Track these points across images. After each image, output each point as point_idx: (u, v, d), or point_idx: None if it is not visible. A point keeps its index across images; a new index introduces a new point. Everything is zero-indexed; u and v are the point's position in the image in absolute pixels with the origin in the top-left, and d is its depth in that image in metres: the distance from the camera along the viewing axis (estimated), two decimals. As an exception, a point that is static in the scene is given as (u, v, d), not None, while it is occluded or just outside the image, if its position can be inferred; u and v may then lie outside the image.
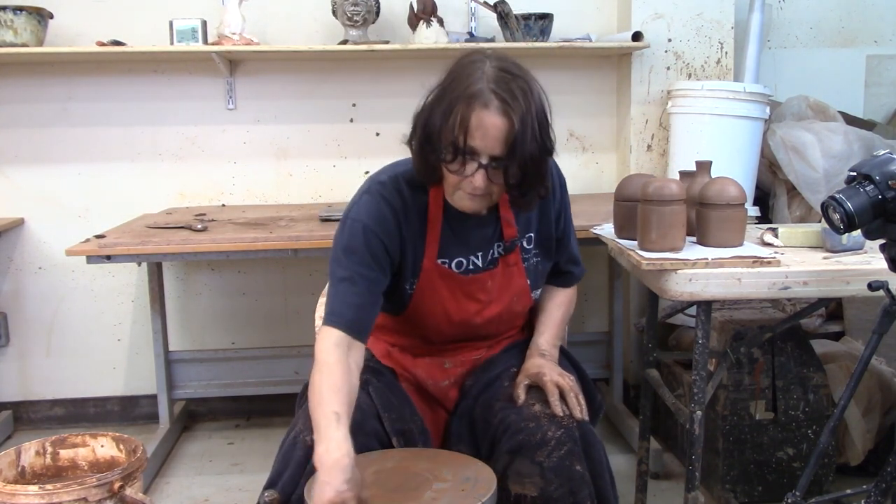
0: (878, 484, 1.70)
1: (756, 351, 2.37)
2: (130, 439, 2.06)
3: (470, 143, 1.43)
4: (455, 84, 1.45)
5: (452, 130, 1.43)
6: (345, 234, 1.57)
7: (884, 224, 1.50)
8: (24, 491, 1.79)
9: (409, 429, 1.61)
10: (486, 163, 1.44)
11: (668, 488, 2.62)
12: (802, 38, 3.42)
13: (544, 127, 1.48)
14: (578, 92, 3.29)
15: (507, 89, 1.42)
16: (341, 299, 1.52)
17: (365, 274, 1.54)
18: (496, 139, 1.42)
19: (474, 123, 1.42)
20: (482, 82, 1.43)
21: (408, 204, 1.59)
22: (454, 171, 1.47)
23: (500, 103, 1.41)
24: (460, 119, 1.42)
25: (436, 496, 1.34)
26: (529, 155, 1.44)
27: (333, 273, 1.56)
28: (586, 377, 1.80)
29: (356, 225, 1.56)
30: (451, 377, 1.75)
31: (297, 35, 3.14)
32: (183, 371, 3.14)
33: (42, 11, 2.86)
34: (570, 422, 1.53)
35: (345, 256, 1.55)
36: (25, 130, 3.12)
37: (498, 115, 1.41)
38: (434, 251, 1.62)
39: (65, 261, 3.07)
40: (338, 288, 1.54)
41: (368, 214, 1.56)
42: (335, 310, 1.52)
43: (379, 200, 1.57)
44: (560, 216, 1.73)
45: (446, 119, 1.44)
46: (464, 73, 1.46)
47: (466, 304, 1.66)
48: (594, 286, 3.36)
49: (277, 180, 3.23)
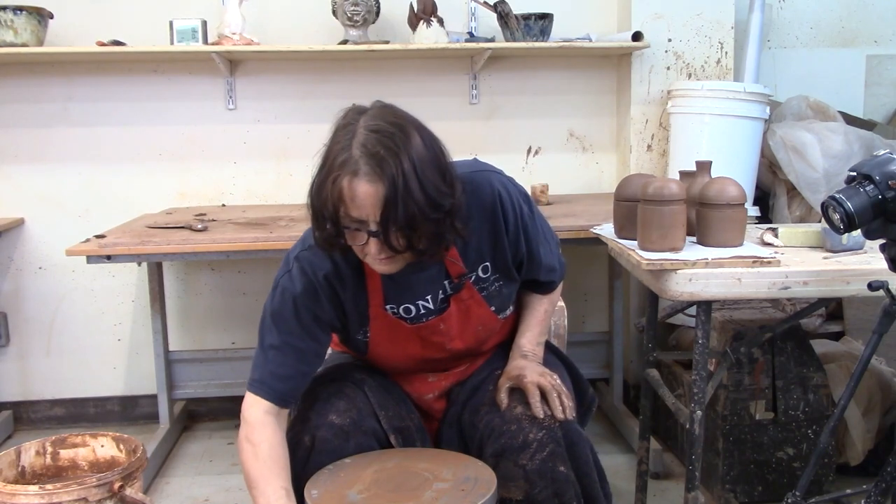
0: (878, 484, 1.70)
1: (756, 351, 2.37)
2: (130, 439, 2.06)
3: (349, 214, 1.35)
4: (329, 153, 1.39)
5: (332, 205, 1.35)
6: (275, 301, 1.54)
7: (884, 224, 1.50)
8: (24, 491, 1.79)
9: (406, 426, 1.61)
10: (374, 230, 1.36)
11: (668, 488, 2.62)
12: (802, 38, 3.42)
13: (430, 181, 1.35)
14: (578, 92, 3.29)
15: (375, 153, 1.32)
16: (270, 369, 1.52)
17: (294, 344, 1.52)
18: (372, 206, 1.33)
19: (348, 195, 1.34)
20: (351, 149, 1.34)
21: (339, 266, 1.53)
22: (349, 242, 1.41)
23: (368, 168, 1.32)
24: (333, 192, 1.34)
25: (436, 496, 1.35)
26: (410, 215, 1.33)
27: (263, 338, 1.54)
28: (577, 372, 1.79)
29: (286, 294, 1.53)
30: (435, 390, 1.72)
31: (297, 35, 3.14)
32: (183, 371, 3.14)
33: (42, 11, 2.86)
34: (551, 422, 1.52)
35: (274, 325, 1.53)
36: (25, 130, 3.12)
37: (367, 183, 1.32)
38: (378, 299, 1.56)
39: (65, 261, 3.07)
40: (267, 355, 1.53)
41: (299, 284, 1.52)
42: (265, 380, 1.52)
43: (309, 271, 1.52)
44: (519, 239, 1.59)
45: (321, 194, 1.37)
46: (337, 140, 1.39)
47: (425, 347, 1.63)
48: (594, 286, 3.37)
49: (278, 180, 3.23)
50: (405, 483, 1.39)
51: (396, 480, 1.40)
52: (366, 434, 1.55)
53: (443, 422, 1.71)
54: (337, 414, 1.55)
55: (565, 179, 3.29)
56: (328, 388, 1.63)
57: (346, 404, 1.57)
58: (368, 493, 1.36)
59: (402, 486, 1.38)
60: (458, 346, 1.64)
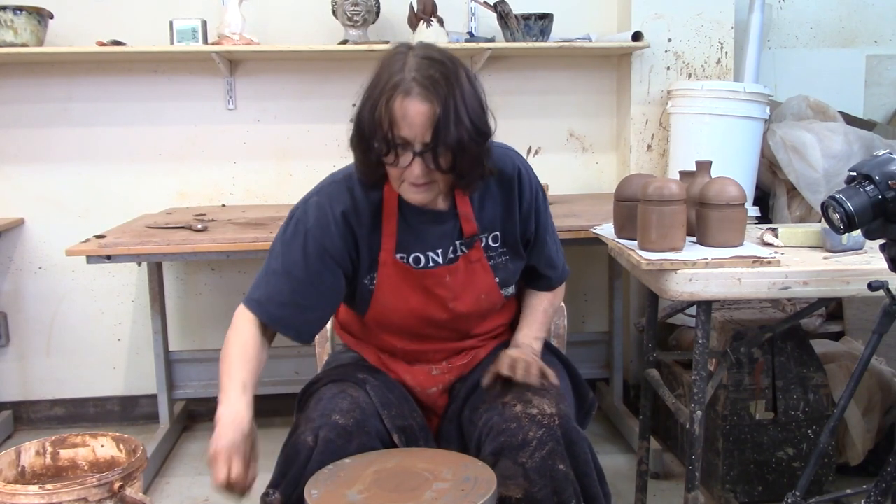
0: (878, 484, 1.70)
1: (756, 351, 2.37)
2: (130, 439, 2.06)
3: (399, 133, 1.43)
4: (379, 79, 1.45)
5: (381, 124, 1.43)
6: (287, 231, 1.61)
7: (884, 224, 1.50)
8: (24, 491, 1.78)
9: (409, 425, 1.61)
10: (419, 150, 1.44)
11: (668, 488, 2.62)
12: (802, 38, 3.42)
13: (475, 110, 1.46)
14: (578, 92, 3.29)
15: (428, 75, 1.41)
16: (269, 294, 1.57)
17: (296, 275, 1.57)
18: (422, 126, 1.41)
19: (399, 113, 1.41)
20: (404, 72, 1.42)
21: (359, 203, 1.58)
22: (392, 164, 1.47)
23: (421, 89, 1.41)
24: (386, 111, 1.42)
25: (436, 496, 1.34)
26: (458, 138, 1.42)
27: (268, 262, 1.60)
28: (576, 374, 1.80)
29: (298, 226, 1.59)
30: (439, 384, 1.73)
31: (297, 35, 3.14)
32: (183, 371, 3.14)
33: (42, 11, 2.86)
34: (551, 421, 1.52)
35: (281, 252, 1.59)
36: (25, 130, 3.12)
37: (420, 102, 1.41)
38: (391, 245, 1.61)
39: (65, 261, 3.07)
40: (269, 279, 1.59)
41: (312, 217, 1.58)
42: (261, 301, 1.57)
43: (326, 204, 1.59)
44: (530, 217, 1.68)
45: (374, 114, 1.43)
46: (387, 66, 1.46)
47: (428, 300, 1.65)
48: (594, 286, 3.37)
49: (278, 180, 3.23)
50: (405, 483, 1.39)
51: (396, 480, 1.40)
52: (369, 434, 1.55)
53: (443, 418, 1.72)
54: (340, 414, 1.55)
55: (565, 179, 3.29)
56: (331, 388, 1.63)
57: (349, 404, 1.57)
58: (368, 493, 1.36)
59: (402, 486, 1.38)
60: (460, 309, 1.66)
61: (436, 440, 1.70)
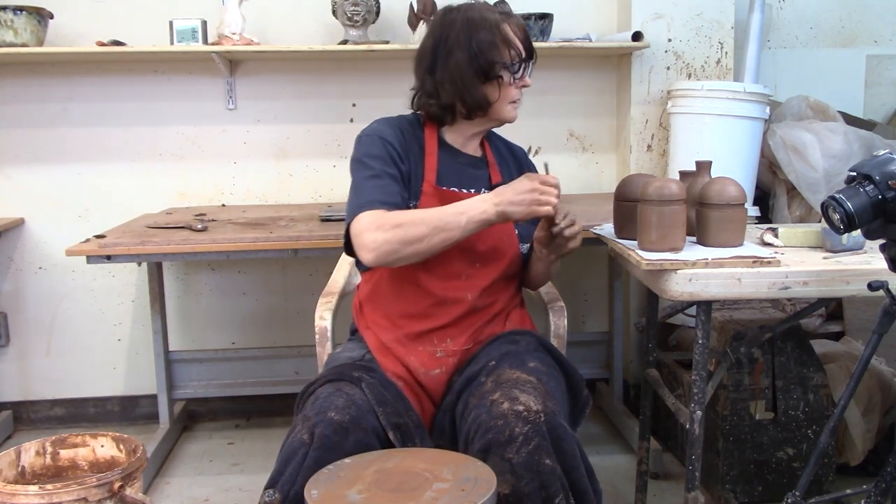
0: (878, 484, 1.70)
1: (756, 351, 2.37)
2: (130, 439, 2.06)
3: (517, 52, 1.77)
4: (469, 22, 1.76)
5: (507, 49, 1.75)
6: (363, 146, 1.78)
7: (884, 224, 1.50)
8: (24, 491, 1.79)
9: (404, 422, 1.62)
10: (527, 58, 1.80)
11: (668, 488, 2.62)
12: (802, 38, 3.42)
13: None
14: (578, 92, 3.29)
15: (503, 3, 1.92)
16: (375, 195, 1.69)
17: (390, 172, 1.74)
18: (525, 41, 1.79)
19: (511, 37, 1.76)
20: (490, 10, 1.78)
21: (407, 136, 1.82)
22: (517, 79, 1.79)
23: (515, 17, 1.81)
24: (505, 36, 1.75)
25: (436, 496, 1.34)
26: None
27: (358, 175, 1.74)
28: (571, 373, 1.81)
29: (373, 137, 1.78)
30: (442, 366, 1.78)
31: (297, 35, 3.14)
32: (183, 371, 3.14)
33: (42, 11, 2.86)
34: (536, 417, 1.54)
35: (368, 161, 1.75)
36: (25, 130, 3.12)
37: (519, 24, 1.79)
38: (432, 178, 1.81)
39: (65, 261, 3.07)
40: (367, 184, 1.72)
41: (381, 130, 1.80)
42: (374, 200, 1.68)
43: (385, 125, 1.82)
44: None
45: (496, 46, 1.74)
46: (465, 13, 1.77)
47: None
48: (594, 286, 3.37)
49: (277, 180, 3.23)
50: (405, 483, 1.39)
51: (396, 480, 1.40)
52: (365, 431, 1.56)
53: (438, 408, 1.77)
54: (336, 411, 1.56)
55: (565, 179, 3.27)
56: (327, 388, 1.65)
57: (344, 402, 1.58)
58: (368, 493, 1.36)
59: (402, 486, 1.38)
60: (480, 248, 1.80)
61: (430, 431, 1.73)
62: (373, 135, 1.79)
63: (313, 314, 2.00)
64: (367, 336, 1.86)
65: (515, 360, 1.72)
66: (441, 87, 1.79)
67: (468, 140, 1.89)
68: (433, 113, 1.83)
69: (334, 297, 2.06)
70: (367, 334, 1.85)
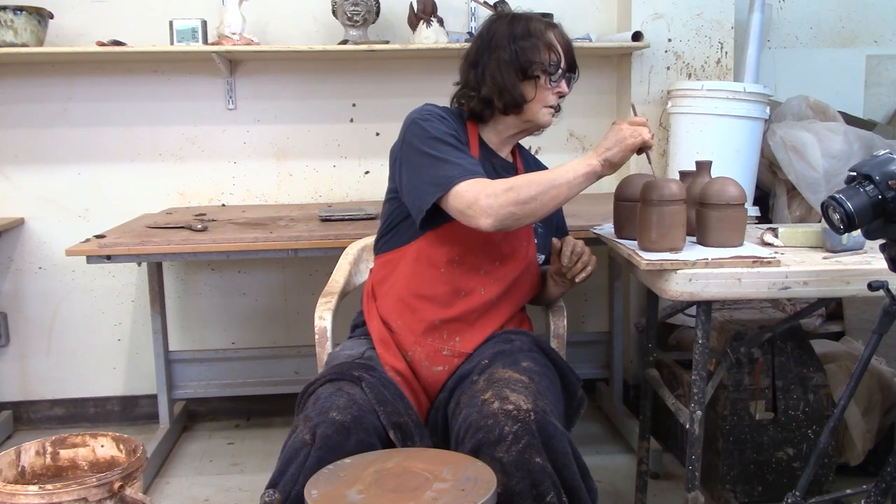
0: (878, 484, 1.70)
1: (756, 351, 2.37)
2: (130, 439, 2.06)
3: (557, 57, 1.84)
4: (514, 23, 1.84)
5: (548, 53, 1.83)
6: (432, 123, 1.78)
7: (884, 224, 1.50)
8: (24, 491, 1.79)
9: (404, 422, 1.63)
10: (568, 68, 1.88)
11: (668, 488, 2.62)
12: (802, 38, 3.42)
13: None
14: (578, 92, 3.24)
15: (547, 16, 1.78)
16: (464, 163, 1.72)
17: (460, 147, 1.77)
18: (568, 52, 1.87)
19: (554, 42, 1.84)
20: (537, 19, 1.87)
21: (457, 124, 1.85)
22: (555, 85, 1.85)
23: (559, 28, 1.89)
24: (549, 44, 1.83)
25: (436, 496, 1.35)
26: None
27: (434, 150, 1.74)
28: (566, 373, 1.81)
29: (431, 116, 1.80)
30: (446, 365, 1.81)
31: (297, 35, 3.14)
32: (183, 371, 3.14)
33: (42, 11, 2.86)
34: (526, 416, 1.54)
35: (442, 136, 1.76)
36: (25, 130, 3.12)
37: (564, 35, 1.88)
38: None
39: (65, 261, 3.07)
40: (450, 155, 1.73)
41: (440, 112, 1.83)
42: (465, 170, 1.70)
43: (439, 109, 1.86)
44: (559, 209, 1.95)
45: (537, 48, 1.81)
46: (513, 17, 1.87)
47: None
48: (594, 286, 3.36)
49: (277, 180, 3.23)
50: (405, 483, 1.39)
51: (396, 480, 1.40)
52: (366, 430, 1.56)
53: (432, 406, 1.79)
54: (337, 411, 1.56)
55: (565, 179, 3.29)
56: (327, 387, 1.65)
57: (345, 401, 1.59)
58: (368, 493, 1.36)
59: (402, 486, 1.38)
60: (503, 248, 1.85)
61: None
62: (435, 115, 1.82)
63: (313, 314, 2.00)
64: (372, 326, 1.87)
65: (508, 359, 1.73)
66: (482, 81, 1.85)
67: (503, 143, 1.95)
68: (473, 107, 1.88)
69: (334, 297, 2.06)
70: (373, 324, 1.86)
